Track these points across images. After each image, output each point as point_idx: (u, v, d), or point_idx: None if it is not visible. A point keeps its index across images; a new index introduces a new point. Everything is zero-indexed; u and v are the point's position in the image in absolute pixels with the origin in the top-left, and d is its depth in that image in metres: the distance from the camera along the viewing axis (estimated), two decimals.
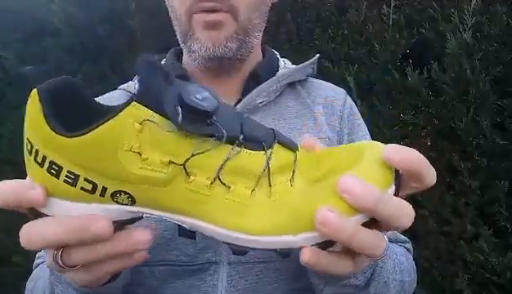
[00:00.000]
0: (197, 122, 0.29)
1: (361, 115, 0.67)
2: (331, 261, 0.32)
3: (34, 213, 0.32)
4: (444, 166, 1.28)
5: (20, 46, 1.85)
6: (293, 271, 0.53)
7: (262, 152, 0.31)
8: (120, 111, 0.28)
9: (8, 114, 1.86)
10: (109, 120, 0.28)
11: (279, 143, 0.33)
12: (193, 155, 0.29)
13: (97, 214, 0.31)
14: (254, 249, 0.31)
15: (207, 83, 0.59)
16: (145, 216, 0.34)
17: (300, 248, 0.31)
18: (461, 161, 1.26)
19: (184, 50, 0.61)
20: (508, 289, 1.19)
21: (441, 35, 1.31)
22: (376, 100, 1.39)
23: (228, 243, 0.32)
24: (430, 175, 0.31)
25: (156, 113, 0.29)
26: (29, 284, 0.53)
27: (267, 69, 0.62)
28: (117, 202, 0.31)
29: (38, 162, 0.30)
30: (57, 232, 0.31)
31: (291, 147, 0.33)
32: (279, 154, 0.32)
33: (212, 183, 0.30)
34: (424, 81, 1.33)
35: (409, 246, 0.60)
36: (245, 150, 0.31)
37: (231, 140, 0.31)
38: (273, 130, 0.34)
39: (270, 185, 0.31)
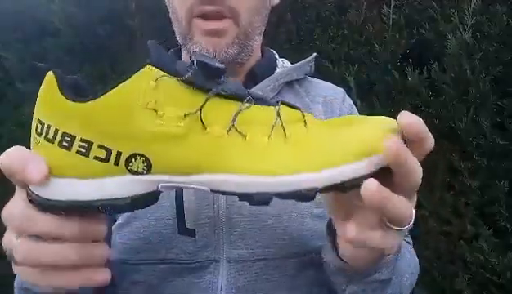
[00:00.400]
0: (208, 80, 0.30)
1: (361, 115, 0.67)
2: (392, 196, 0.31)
3: (37, 202, 0.31)
4: (444, 166, 1.28)
5: (20, 46, 1.85)
6: (293, 268, 0.54)
7: (272, 107, 0.32)
8: (134, 74, 0.29)
9: (8, 114, 1.86)
10: (124, 81, 0.29)
11: (284, 103, 0.34)
12: (207, 100, 0.30)
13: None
14: (279, 194, 0.30)
15: None
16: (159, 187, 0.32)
17: (324, 188, 0.30)
18: (461, 161, 1.26)
19: (184, 51, 0.61)
20: (508, 289, 1.19)
21: (441, 35, 1.31)
22: (376, 100, 1.39)
23: (249, 195, 0.30)
24: (430, 138, 0.33)
25: (169, 73, 0.29)
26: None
27: (265, 69, 0.62)
28: (131, 172, 0.30)
29: (48, 140, 0.30)
30: (3, 162, 0.31)
31: (297, 107, 0.34)
32: (287, 110, 0.33)
33: (228, 132, 0.30)
34: (424, 81, 1.33)
35: (409, 239, 0.61)
36: (256, 105, 0.32)
37: (241, 97, 0.31)
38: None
39: (285, 132, 0.31)
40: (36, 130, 0.31)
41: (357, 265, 0.40)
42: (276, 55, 0.68)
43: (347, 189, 0.30)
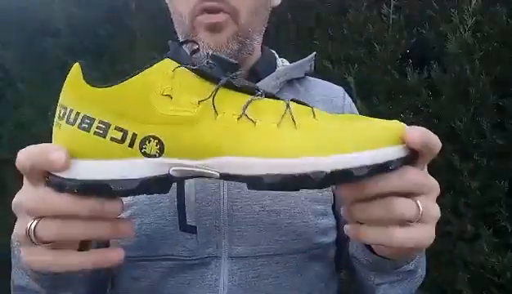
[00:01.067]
0: (222, 72, 0.32)
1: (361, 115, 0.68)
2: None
3: (54, 183, 0.32)
4: (444, 166, 1.28)
5: (20, 46, 1.85)
6: (295, 265, 0.54)
7: (281, 101, 0.34)
8: (153, 65, 0.32)
9: (8, 114, 1.86)
10: (143, 70, 0.31)
11: (293, 100, 0.35)
12: (220, 86, 0.32)
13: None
14: (288, 176, 0.31)
15: None
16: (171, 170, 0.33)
17: (331, 172, 0.30)
18: (461, 161, 1.26)
19: (186, 50, 0.61)
20: (508, 289, 1.19)
21: (441, 35, 1.31)
22: (376, 100, 1.39)
23: (259, 177, 0.31)
24: (437, 141, 0.34)
25: (185, 67, 0.32)
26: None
27: (265, 67, 0.62)
28: (145, 154, 0.32)
29: (69, 122, 0.32)
30: (21, 157, 0.33)
31: (306, 104, 0.35)
32: (296, 105, 0.34)
33: (238, 118, 0.32)
34: (424, 81, 1.33)
35: None
36: (266, 98, 0.33)
37: (252, 90, 0.33)
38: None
39: (294, 122, 0.32)
40: (59, 115, 0.33)
41: (398, 256, 0.43)
42: (276, 55, 0.68)
43: (355, 177, 0.31)
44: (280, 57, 0.68)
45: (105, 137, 0.31)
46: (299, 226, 0.54)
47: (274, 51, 0.68)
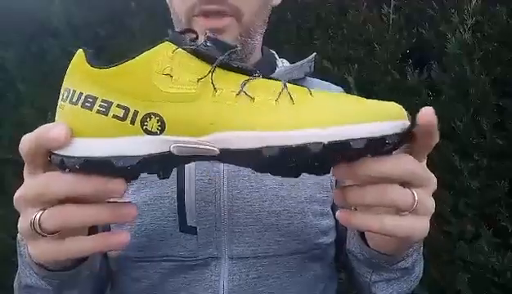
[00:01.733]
0: (221, 54, 0.33)
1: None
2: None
3: (57, 161, 0.32)
4: (444, 166, 1.28)
5: (20, 46, 1.85)
6: (295, 265, 0.54)
7: (278, 81, 0.35)
8: (154, 46, 0.33)
9: (8, 114, 1.86)
10: (144, 52, 0.32)
11: (289, 82, 0.35)
12: (219, 62, 0.33)
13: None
14: (286, 148, 0.31)
15: None
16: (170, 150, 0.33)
17: (328, 143, 0.30)
18: (461, 161, 1.26)
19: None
20: (508, 289, 1.19)
21: (441, 35, 1.31)
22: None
23: (258, 150, 0.31)
24: (437, 133, 0.33)
25: (184, 48, 0.33)
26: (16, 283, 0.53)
27: (265, 68, 0.62)
28: (146, 131, 0.32)
29: (72, 103, 0.33)
30: (25, 140, 0.33)
31: (304, 86, 0.36)
32: (292, 85, 0.35)
33: (237, 94, 0.32)
34: (424, 81, 1.33)
35: None
36: (263, 78, 0.34)
37: (250, 71, 0.34)
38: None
39: (291, 98, 0.33)
40: (62, 98, 0.34)
41: (390, 250, 0.43)
42: (276, 55, 0.68)
43: (352, 150, 0.30)
44: (280, 57, 0.68)
45: (107, 115, 0.32)
46: (299, 227, 0.54)
47: (274, 52, 0.68)
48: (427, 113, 0.31)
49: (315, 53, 0.66)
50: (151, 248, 0.52)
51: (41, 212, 0.33)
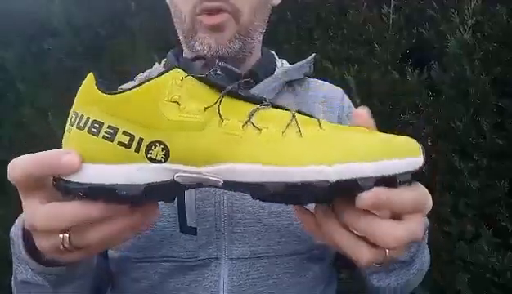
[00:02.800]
0: (230, 83, 0.33)
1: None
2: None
3: (62, 187, 0.32)
4: (444, 166, 1.28)
5: (20, 46, 1.85)
6: (295, 266, 0.54)
7: (287, 111, 0.34)
8: (163, 74, 0.33)
9: (8, 114, 1.86)
10: (152, 79, 0.32)
11: (299, 112, 0.35)
12: (226, 92, 0.33)
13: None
14: (290, 185, 0.30)
15: None
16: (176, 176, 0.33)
17: (336, 181, 0.30)
18: (461, 161, 1.26)
19: (185, 49, 0.61)
20: (508, 289, 1.19)
21: (441, 35, 1.31)
22: (376, 100, 1.39)
23: (261, 184, 0.31)
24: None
25: (193, 76, 0.33)
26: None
27: (265, 69, 0.62)
28: (150, 159, 0.32)
29: (79, 127, 0.33)
30: (28, 164, 0.32)
31: (311, 116, 0.35)
32: (302, 116, 0.34)
33: (244, 125, 0.32)
34: (424, 81, 1.33)
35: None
36: (272, 108, 0.34)
37: (259, 100, 0.34)
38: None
39: (299, 131, 0.32)
40: (70, 121, 0.34)
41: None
42: (276, 56, 0.68)
43: (360, 189, 0.30)
44: (280, 57, 0.68)
45: (112, 141, 0.32)
46: (299, 227, 0.54)
47: (273, 52, 0.68)
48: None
49: (314, 54, 0.66)
50: (151, 249, 0.52)
51: (68, 234, 0.33)
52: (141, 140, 0.32)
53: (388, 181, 0.30)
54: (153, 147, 0.32)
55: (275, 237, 0.53)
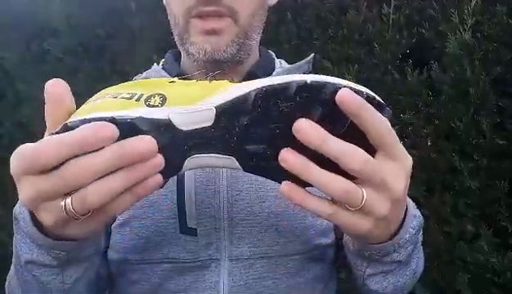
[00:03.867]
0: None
1: None
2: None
3: (64, 127, 0.33)
4: (444, 166, 1.28)
5: (20, 46, 1.85)
6: (295, 266, 0.54)
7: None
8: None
9: (8, 114, 1.86)
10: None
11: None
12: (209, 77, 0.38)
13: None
14: (272, 87, 0.34)
15: None
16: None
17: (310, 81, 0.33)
18: (461, 161, 1.26)
19: (182, 51, 0.60)
20: (508, 289, 1.19)
21: (441, 35, 1.31)
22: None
23: (244, 97, 0.35)
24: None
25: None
26: (7, 281, 0.52)
27: (264, 69, 0.62)
28: (149, 105, 0.36)
29: (93, 99, 0.38)
30: (65, 138, 0.31)
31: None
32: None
33: (210, 81, 0.38)
34: (424, 81, 1.33)
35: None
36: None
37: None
38: None
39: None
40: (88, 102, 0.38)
41: (371, 237, 0.40)
42: (274, 56, 0.68)
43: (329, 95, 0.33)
44: (280, 57, 0.68)
45: (116, 98, 0.36)
46: (299, 228, 0.54)
47: (272, 53, 0.68)
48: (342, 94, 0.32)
49: (313, 53, 0.66)
50: (151, 250, 0.52)
51: (70, 198, 0.32)
52: (141, 94, 0.36)
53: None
54: (152, 97, 0.36)
55: (274, 237, 0.53)
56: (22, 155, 0.32)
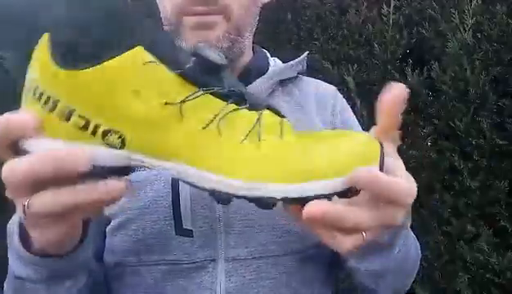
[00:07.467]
0: (205, 74, 0.31)
1: (361, 115, 0.67)
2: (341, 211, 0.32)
3: (16, 154, 0.31)
4: (444, 166, 1.28)
5: (20, 46, 1.85)
6: (292, 265, 0.54)
7: (254, 112, 0.33)
8: (125, 52, 0.30)
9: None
10: (113, 58, 0.30)
11: (269, 108, 0.35)
12: (192, 95, 0.31)
13: (77, 149, 0.31)
14: (237, 197, 0.31)
15: None
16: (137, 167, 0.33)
17: (280, 199, 0.31)
18: (461, 161, 1.26)
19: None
20: (508, 289, 1.19)
21: (441, 35, 1.31)
22: (376, 100, 1.39)
23: (214, 191, 0.32)
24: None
25: (161, 60, 0.30)
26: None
27: (258, 68, 0.62)
28: (107, 144, 0.31)
29: (35, 97, 0.31)
30: (31, 163, 0.31)
31: (279, 113, 0.35)
32: (269, 117, 0.34)
33: (204, 128, 0.31)
34: (424, 81, 1.33)
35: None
36: (239, 107, 0.33)
37: (231, 96, 0.32)
38: (266, 100, 0.36)
39: (259, 139, 0.32)
40: (26, 85, 0.32)
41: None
42: (268, 54, 0.68)
43: (307, 202, 0.31)
44: (280, 58, 0.68)
45: (68, 120, 0.31)
46: (295, 227, 0.53)
47: (266, 51, 0.68)
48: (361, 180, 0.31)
49: (307, 52, 0.66)
50: (147, 252, 0.52)
51: (29, 198, 0.32)
52: (97, 125, 0.30)
53: (340, 195, 0.31)
54: (109, 134, 0.31)
55: (271, 237, 0.53)
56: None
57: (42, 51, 0.31)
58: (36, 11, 1.79)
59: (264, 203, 0.32)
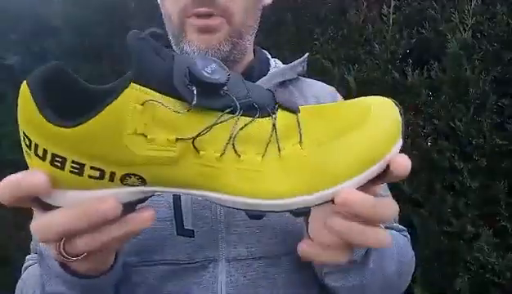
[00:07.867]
0: (210, 97, 0.29)
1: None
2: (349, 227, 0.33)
3: (42, 206, 0.31)
4: (444, 166, 1.28)
5: (20, 46, 1.85)
6: (293, 265, 0.54)
7: (268, 118, 0.32)
8: (118, 95, 0.27)
9: (8, 115, 1.86)
10: (107, 105, 0.27)
11: (280, 107, 0.33)
12: (205, 130, 0.29)
13: (104, 196, 0.30)
14: (271, 212, 0.32)
15: None
16: (156, 194, 0.33)
17: (316, 205, 0.32)
18: (461, 161, 1.26)
19: (177, 51, 0.61)
20: (508, 289, 1.19)
21: (441, 35, 1.31)
22: None
23: (245, 210, 0.32)
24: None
25: (159, 92, 0.28)
26: (19, 284, 0.53)
27: (258, 69, 0.62)
28: (127, 185, 0.30)
29: (39, 157, 0.29)
30: (65, 221, 0.30)
31: (293, 109, 0.33)
32: (283, 118, 0.32)
33: (221, 155, 0.30)
34: (424, 81, 1.34)
35: (405, 233, 0.61)
36: (251, 119, 0.31)
37: (244, 109, 0.31)
38: (272, 92, 0.34)
39: (279, 150, 0.31)
40: (25, 142, 0.30)
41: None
42: (269, 56, 0.68)
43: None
44: (280, 58, 0.68)
45: (82, 175, 0.29)
46: (296, 227, 0.53)
47: (266, 52, 0.68)
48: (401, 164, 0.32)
49: (307, 53, 0.66)
50: (148, 252, 0.52)
51: (61, 243, 0.33)
52: (112, 173, 0.29)
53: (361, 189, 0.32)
54: (128, 178, 0.29)
55: (271, 237, 0.53)
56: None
57: (26, 103, 0.28)
58: (36, 11, 1.79)
59: (298, 213, 0.32)
